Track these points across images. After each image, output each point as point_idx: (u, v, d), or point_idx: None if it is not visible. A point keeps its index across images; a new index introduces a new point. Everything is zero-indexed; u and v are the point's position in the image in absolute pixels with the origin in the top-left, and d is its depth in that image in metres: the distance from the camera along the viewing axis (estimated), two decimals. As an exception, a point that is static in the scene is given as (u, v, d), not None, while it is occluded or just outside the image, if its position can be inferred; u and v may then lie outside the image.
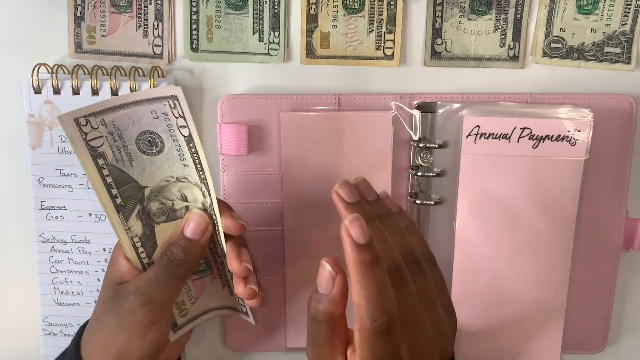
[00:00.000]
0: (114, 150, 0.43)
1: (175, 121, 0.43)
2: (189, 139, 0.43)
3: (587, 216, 0.54)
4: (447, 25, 0.54)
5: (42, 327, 0.58)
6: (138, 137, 0.43)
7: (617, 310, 0.57)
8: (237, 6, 0.54)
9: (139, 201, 0.46)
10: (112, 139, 0.42)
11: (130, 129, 0.43)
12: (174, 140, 0.44)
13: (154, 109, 0.42)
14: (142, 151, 0.44)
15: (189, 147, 0.44)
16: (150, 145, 0.43)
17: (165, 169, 0.45)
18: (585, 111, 0.51)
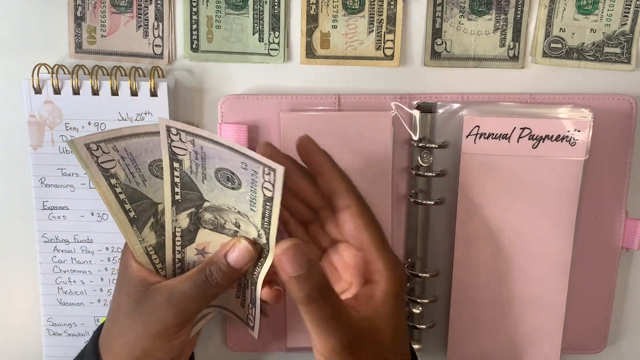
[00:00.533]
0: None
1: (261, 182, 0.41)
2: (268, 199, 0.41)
3: (587, 216, 0.54)
4: (447, 25, 0.54)
5: (45, 327, 0.58)
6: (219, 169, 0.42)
7: (617, 310, 0.57)
8: (237, 6, 0.54)
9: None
10: (195, 157, 0.42)
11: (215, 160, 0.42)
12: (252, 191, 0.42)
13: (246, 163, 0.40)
14: (218, 179, 0.43)
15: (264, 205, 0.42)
16: (227, 180, 0.42)
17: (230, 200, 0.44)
18: (585, 111, 0.51)
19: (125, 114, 0.54)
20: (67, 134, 0.55)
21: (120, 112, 0.54)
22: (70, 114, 0.54)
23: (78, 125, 0.54)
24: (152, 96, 0.54)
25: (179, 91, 0.56)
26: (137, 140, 0.42)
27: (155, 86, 0.53)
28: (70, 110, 0.54)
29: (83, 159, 0.41)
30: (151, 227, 0.46)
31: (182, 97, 0.56)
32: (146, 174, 0.44)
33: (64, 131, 0.55)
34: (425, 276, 0.56)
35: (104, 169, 0.42)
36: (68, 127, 0.54)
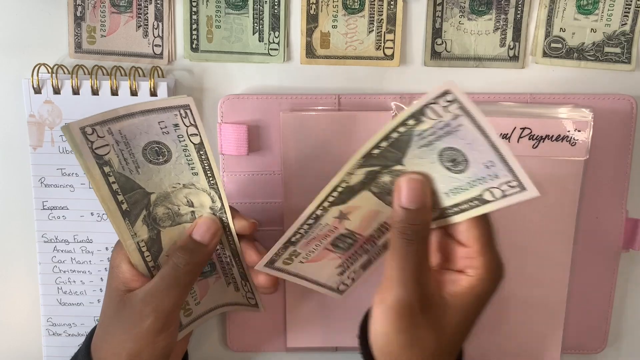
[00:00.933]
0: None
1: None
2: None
3: (587, 216, 0.54)
4: (447, 25, 0.54)
5: (45, 327, 0.58)
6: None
7: (617, 310, 0.57)
8: (237, 6, 0.54)
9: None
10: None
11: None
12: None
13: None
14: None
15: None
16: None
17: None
18: (585, 111, 0.51)
19: (125, 113, 0.54)
20: (67, 133, 0.55)
21: (120, 112, 0.54)
22: (70, 114, 0.54)
23: (78, 125, 0.54)
24: (152, 96, 0.54)
25: (178, 91, 0.56)
26: (131, 121, 0.41)
27: (155, 86, 0.53)
28: (70, 110, 0.54)
29: (77, 145, 0.41)
30: (143, 221, 0.45)
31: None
32: (139, 159, 0.43)
33: (67, 141, 0.54)
34: (425, 276, 0.55)
35: (98, 156, 0.42)
36: (68, 127, 0.54)
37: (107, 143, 0.42)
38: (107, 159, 0.42)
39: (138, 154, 0.43)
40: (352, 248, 0.48)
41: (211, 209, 0.46)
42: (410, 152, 0.41)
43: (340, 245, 0.48)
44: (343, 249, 0.48)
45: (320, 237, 0.47)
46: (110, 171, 0.42)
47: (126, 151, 0.42)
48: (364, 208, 0.45)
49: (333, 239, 0.47)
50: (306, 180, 0.54)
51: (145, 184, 0.44)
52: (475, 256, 0.41)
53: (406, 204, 0.40)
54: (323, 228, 0.46)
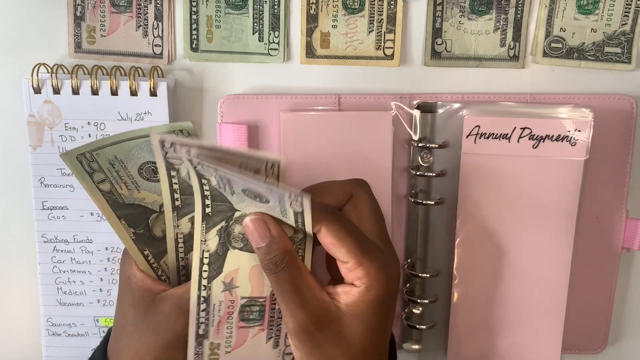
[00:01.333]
0: (219, 183, 0.41)
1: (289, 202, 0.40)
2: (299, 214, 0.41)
3: (587, 216, 0.54)
4: (447, 25, 0.54)
5: (45, 328, 0.58)
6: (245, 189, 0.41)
7: (617, 310, 0.57)
8: (237, 6, 0.54)
9: (227, 219, 0.43)
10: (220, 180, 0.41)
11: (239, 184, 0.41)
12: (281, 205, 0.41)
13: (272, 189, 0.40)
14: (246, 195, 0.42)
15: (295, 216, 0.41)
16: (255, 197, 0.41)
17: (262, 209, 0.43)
18: (585, 111, 0.51)
19: (125, 113, 0.54)
20: (67, 133, 0.55)
21: (119, 112, 0.54)
22: (69, 113, 0.54)
23: (77, 125, 0.54)
24: (152, 96, 0.54)
25: (178, 91, 0.56)
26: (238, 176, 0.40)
27: (155, 86, 0.53)
28: (70, 110, 0.54)
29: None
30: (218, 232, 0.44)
31: (181, 97, 0.56)
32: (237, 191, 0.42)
33: (64, 131, 0.55)
34: (425, 276, 0.56)
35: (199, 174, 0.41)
36: (67, 127, 0.54)
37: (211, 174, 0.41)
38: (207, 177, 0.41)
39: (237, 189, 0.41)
40: (265, 314, 0.46)
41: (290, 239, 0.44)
42: (232, 201, 0.42)
43: (252, 317, 0.46)
44: (256, 319, 0.46)
45: (225, 318, 0.45)
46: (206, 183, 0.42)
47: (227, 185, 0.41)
48: (244, 268, 0.44)
49: (239, 314, 0.45)
50: (306, 180, 0.54)
51: (235, 203, 0.43)
52: (354, 268, 0.42)
53: (255, 243, 0.42)
54: (220, 307, 0.44)
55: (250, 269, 0.44)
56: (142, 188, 0.44)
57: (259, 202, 0.41)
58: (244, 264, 0.44)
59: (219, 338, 0.45)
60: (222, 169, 0.39)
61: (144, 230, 0.45)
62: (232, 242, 0.44)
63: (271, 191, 0.40)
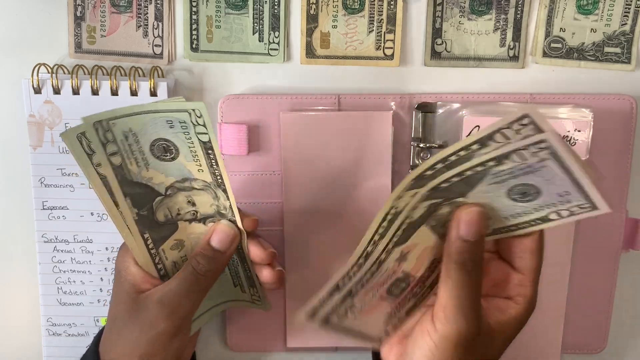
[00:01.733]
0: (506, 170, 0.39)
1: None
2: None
3: (587, 216, 0.54)
4: (447, 25, 0.54)
5: (45, 328, 0.58)
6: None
7: (617, 310, 0.57)
8: (237, 6, 0.54)
9: (445, 199, 0.42)
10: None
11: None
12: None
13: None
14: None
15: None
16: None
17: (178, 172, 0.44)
18: (585, 111, 0.51)
19: (125, 113, 0.54)
20: (67, 134, 0.55)
21: (120, 112, 0.54)
22: (70, 114, 0.54)
23: (78, 125, 0.54)
24: (152, 96, 0.54)
25: (178, 91, 0.56)
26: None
27: (155, 86, 0.53)
28: (70, 110, 0.54)
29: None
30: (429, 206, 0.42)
31: (182, 97, 0.56)
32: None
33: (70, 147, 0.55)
34: (425, 276, 0.55)
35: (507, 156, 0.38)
36: (68, 127, 0.54)
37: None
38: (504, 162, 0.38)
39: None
40: (404, 293, 0.45)
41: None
42: (478, 188, 0.40)
43: (394, 292, 0.45)
44: (396, 295, 0.45)
45: (378, 285, 0.44)
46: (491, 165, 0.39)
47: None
48: (421, 245, 0.43)
49: (389, 285, 0.44)
50: (306, 180, 0.54)
51: (476, 192, 0.41)
52: (528, 284, 0.42)
53: (466, 235, 0.40)
54: (384, 274, 0.43)
55: (424, 248, 0.43)
56: (151, 166, 0.44)
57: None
58: (424, 241, 0.43)
59: (360, 301, 0.44)
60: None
61: (148, 212, 0.45)
62: (431, 220, 0.42)
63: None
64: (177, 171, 0.44)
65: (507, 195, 0.40)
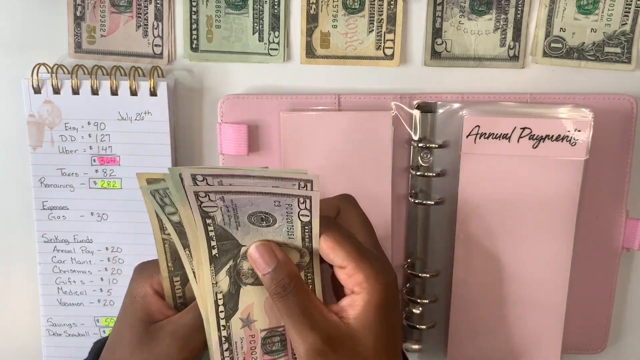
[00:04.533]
0: (224, 217, 0.41)
1: (297, 211, 0.41)
2: (306, 223, 0.42)
3: (588, 216, 0.54)
4: (447, 25, 0.54)
5: (45, 328, 0.58)
6: (252, 214, 0.42)
7: (617, 310, 0.57)
8: (237, 6, 0.54)
9: (234, 257, 0.43)
10: (226, 210, 0.41)
11: (246, 208, 0.41)
12: (288, 222, 0.42)
13: (279, 200, 0.40)
14: (252, 223, 0.42)
15: (302, 229, 0.42)
16: (261, 220, 0.42)
17: (268, 236, 0.43)
18: (585, 111, 0.51)
19: (125, 113, 0.54)
20: (67, 133, 0.55)
21: (119, 111, 0.54)
22: (69, 113, 0.54)
23: (77, 125, 0.54)
24: (152, 96, 0.54)
25: (178, 91, 0.56)
26: (246, 196, 0.40)
27: (154, 86, 0.53)
28: (70, 110, 0.54)
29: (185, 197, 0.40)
30: (227, 272, 0.44)
31: (181, 96, 0.56)
32: (243, 220, 0.42)
33: (64, 131, 0.55)
34: (425, 276, 0.55)
35: (204, 212, 0.41)
36: (67, 127, 0.54)
37: (217, 206, 0.41)
38: (211, 215, 0.41)
39: (243, 218, 0.42)
40: (287, 342, 0.46)
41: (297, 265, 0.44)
42: (237, 236, 0.42)
43: (275, 348, 0.46)
44: (280, 349, 0.46)
45: (249, 354, 0.45)
46: (211, 222, 0.41)
47: (232, 213, 0.41)
48: (258, 301, 0.44)
49: (262, 347, 0.45)
50: (306, 180, 0.54)
51: (241, 238, 0.43)
52: (354, 272, 0.41)
53: (262, 270, 0.41)
54: (242, 344, 0.45)
55: (265, 300, 0.44)
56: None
57: (266, 226, 0.42)
58: (257, 297, 0.44)
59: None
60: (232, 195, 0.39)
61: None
62: (243, 279, 0.44)
63: (279, 203, 0.40)
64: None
65: (259, 226, 0.42)
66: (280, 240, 0.43)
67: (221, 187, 0.39)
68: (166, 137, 0.54)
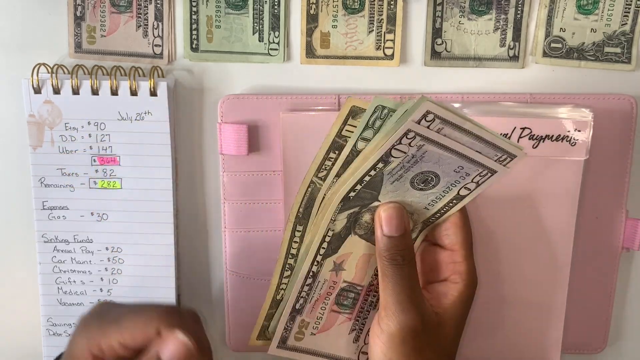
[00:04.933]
0: (396, 167, 0.41)
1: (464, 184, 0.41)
2: (459, 197, 0.41)
3: (587, 216, 0.54)
4: (447, 25, 0.54)
5: (45, 328, 0.58)
6: (423, 171, 0.41)
7: (617, 310, 0.57)
8: (237, 6, 0.54)
9: (363, 206, 0.43)
10: (407, 161, 0.40)
11: (427, 164, 0.40)
12: (444, 191, 0.41)
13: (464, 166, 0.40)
14: (411, 182, 0.42)
15: (450, 201, 0.42)
16: (422, 182, 0.41)
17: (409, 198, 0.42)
18: (585, 111, 0.51)
19: (125, 113, 0.54)
20: (67, 133, 0.55)
21: (120, 111, 0.54)
22: (69, 113, 0.54)
23: (77, 125, 0.54)
24: (152, 96, 0.54)
25: (178, 91, 0.56)
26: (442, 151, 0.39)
27: (155, 86, 0.53)
28: (70, 110, 0.54)
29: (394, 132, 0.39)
30: (349, 215, 0.43)
31: (182, 96, 0.56)
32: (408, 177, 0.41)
33: (64, 131, 0.55)
34: (425, 276, 0.56)
35: (387, 154, 0.40)
36: (68, 127, 0.54)
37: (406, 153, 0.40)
38: (390, 160, 0.40)
39: (408, 174, 0.41)
40: (357, 303, 0.47)
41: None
42: (384, 189, 0.42)
43: (345, 303, 0.47)
44: (348, 306, 0.47)
45: (322, 297, 0.46)
46: (381, 167, 0.40)
47: (404, 168, 0.41)
48: (356, 254, 0.45)
49: (336, 296, 0.46)
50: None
51: (384, 194, 0.42)
52: (461, 260, 0.42)
53: (389, 232, 0.41)
54: (323, 286, 0.46)
55: (361, 256, 0.45)
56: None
57: (419, 189, 0.42)
58: (358, 250, 0.45)
59: (311, 317, 0.47)
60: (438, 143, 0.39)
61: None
62: (356, 228, 0.44)
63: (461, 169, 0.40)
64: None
65: (413, 187, 0.41)
66: (415, 207, 0.43)
67: (435, 134, 0.38)
68: (166, 137, 0.54)
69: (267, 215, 0.55)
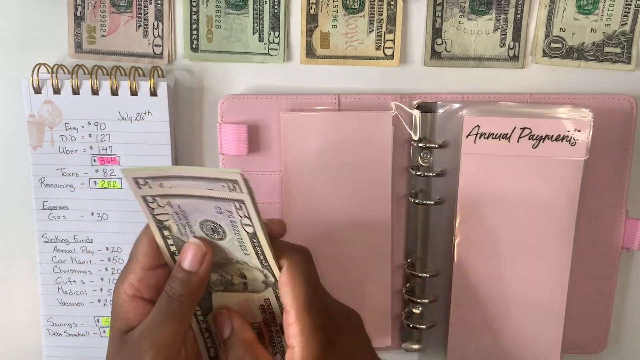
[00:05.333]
0: (179, 227, 0.41)
1: (239, 220, 0.40)
2: (252, 235, 0.41)
3: (588, 216, 0.54)
4: (447, 25, 0.54)
5: (46, 328, 0.58)
6: (202, 222, 0.41)
7: (617, 310, 0.57)
8: (237, 6, 0.54)
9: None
10: (178, 218, 0.41)
11: (194, 215, 0.41)
12: (236, 234, 0.41)
13: (219, 206, 0.40)
14: (205, 234, 0.42)
15: (252, 242, 0.41)
16: (213, 232, 0.41)
17: (226, 252, 0.43)
18: (585, 111, 0.51)
19: (125, 113, 0.54)
20: (67, 133, 0.55)
21: (120, 111, 0.54)
22: (70, 113, 0.54)
23: (78, 125, 0.54)
24: (152, 96, 0.54)
25: (178, 91, 0.56)
26: (189, 201, 0.40)
27: (155, 86, 0.53)
28: (70, 110, 0.54)
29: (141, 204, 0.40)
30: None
31: (182, 96, 0.56)
32: (197, 231, 0.42)
33: (64, 131, 0.55)
34: (425, 276, 0.56)
35: (158, 221, 0.41)
36: (68, 127, 0.54)
37: (167, 212, 0.40)
38: (167, 224, 0.41)
39: (196, 227, 0.41)
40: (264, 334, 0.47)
41: (264, 283, 0.44)
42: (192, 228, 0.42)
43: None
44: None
45: None
46: (169, 234, 0.42)
47: (184, 222, 0.41)
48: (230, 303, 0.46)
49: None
50: (306, 180, 0.54)
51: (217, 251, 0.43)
52: (294, 321, 0.40)
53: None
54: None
55: (237, 304, 0.45)
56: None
57: (218, 239, 0.42)
58: (229, 300, 0.45)
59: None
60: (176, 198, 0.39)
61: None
62: (214, 288, 0.45)
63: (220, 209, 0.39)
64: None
65: (213, 239, 0.42)
66: (238, 258, 0.43)
67: (162, 189, 0.38)
68: (166, 137, 0.54)
69: (266, 215, 0.55)
